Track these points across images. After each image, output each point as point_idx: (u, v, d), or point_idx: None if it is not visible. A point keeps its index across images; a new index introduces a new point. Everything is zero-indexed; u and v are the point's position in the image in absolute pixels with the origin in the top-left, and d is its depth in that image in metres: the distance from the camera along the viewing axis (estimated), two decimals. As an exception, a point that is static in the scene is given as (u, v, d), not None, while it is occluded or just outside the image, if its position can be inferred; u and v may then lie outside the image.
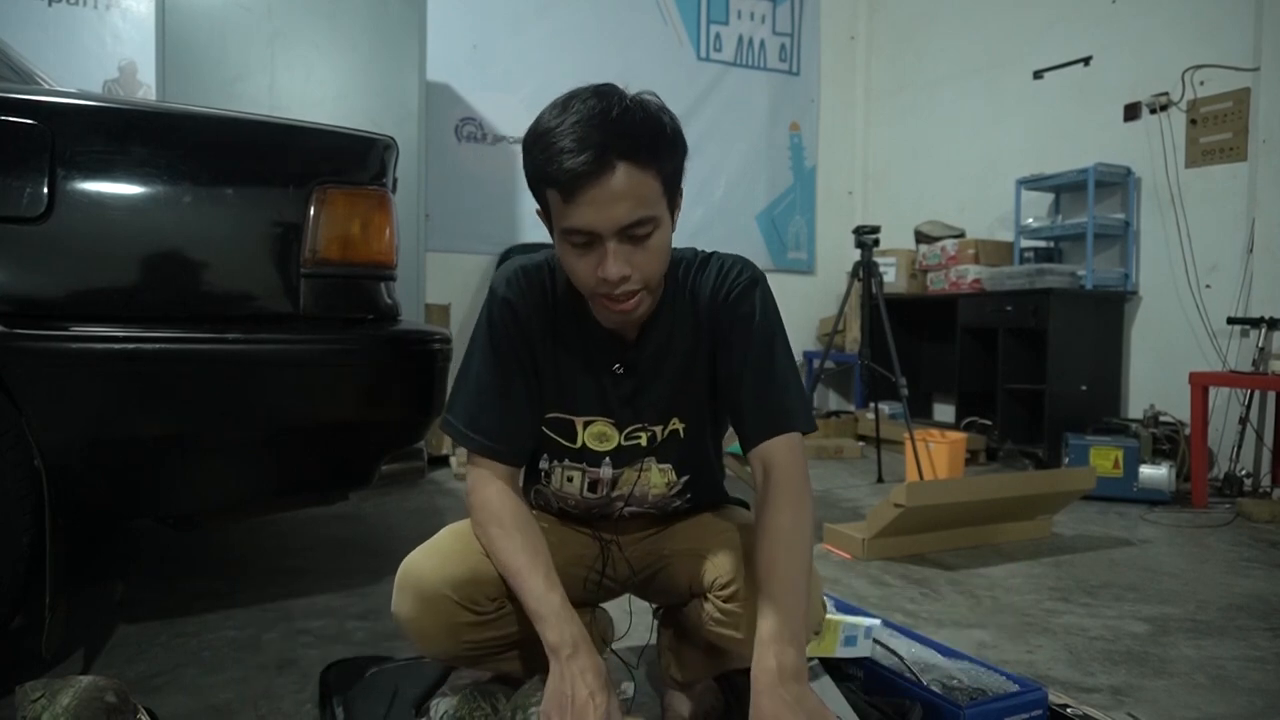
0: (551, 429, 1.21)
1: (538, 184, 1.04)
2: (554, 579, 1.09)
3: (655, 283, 1.07)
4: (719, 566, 1.18)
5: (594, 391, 1.19)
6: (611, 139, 0.97)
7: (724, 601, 1.16)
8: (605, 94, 1.02)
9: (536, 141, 1.01)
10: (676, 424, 1.22)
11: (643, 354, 1.17)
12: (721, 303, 1.15)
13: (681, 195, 1.09)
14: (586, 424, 1.21)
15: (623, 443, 1.21)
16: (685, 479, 1.26)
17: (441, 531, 1.22)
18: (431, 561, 1.15)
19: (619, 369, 1.18)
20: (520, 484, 1.21)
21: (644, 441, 1.22)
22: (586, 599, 1.34)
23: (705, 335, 1.17)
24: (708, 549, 1.22)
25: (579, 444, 1.21)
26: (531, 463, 1.27)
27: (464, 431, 1.17)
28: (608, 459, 1.22)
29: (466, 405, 1.18)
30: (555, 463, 1.25)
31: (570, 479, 1.25)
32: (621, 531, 1.30)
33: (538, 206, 1.08)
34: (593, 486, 1.24)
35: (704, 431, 1.26)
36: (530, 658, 1.22)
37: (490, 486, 1.15)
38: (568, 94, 1.04)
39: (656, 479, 1.24)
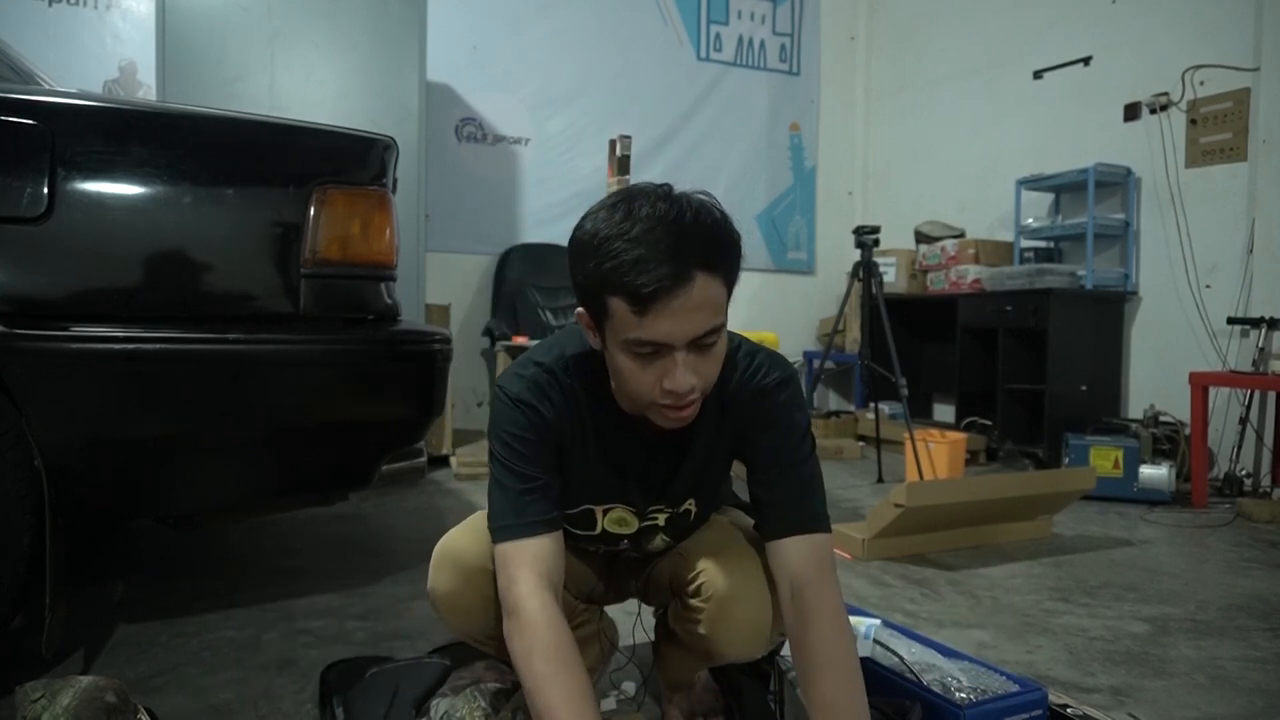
0: (572, 522, 1.20)
1: (599, 289, 0.95)
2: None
3: (711, 387, 1.04)
4: (690, 564, 1.19)
5: (618, 484, 1.18)
6: (690, 248, 0.92)
7: (690, 598, 1.17)
8: (672, 198, 0.96)
9: (600, 246, 0.94)
10: (690, 505, 1.22)
11: (669, 446, 1.15)
12: (750, 400, 1.12)
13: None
14: (606, 511, 1.20)
15: (641, 525, 1.22)
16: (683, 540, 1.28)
17: (476, 514, 1.21)
18: (470, 538, 1.16)
19: (645, 462, 1.16)
20: (561, 579, 1.08)
21: (661, 521, 1.22)
22: (594, 601, 1.35)
23: (728, 426, 1.15)
24: (686, 548, 1.23)
25: (599, 530, 1.22)
26: None
27: (514, 526, 1.06)
28: (625, 540, 1.24)
29: (507, 509, 1.07)
30: (570, 542, 1.24)
31: (585, 550, 1.28)
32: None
33: (580, 309, 1.02)
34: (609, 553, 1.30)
35: (715, 505, 1.28)
36: None
37: (534, 599, 1.01)
38: (624, 194, 0.98)
39: (658, 544, 1.26)
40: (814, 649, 1.04)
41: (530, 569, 1.02)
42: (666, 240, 0.92)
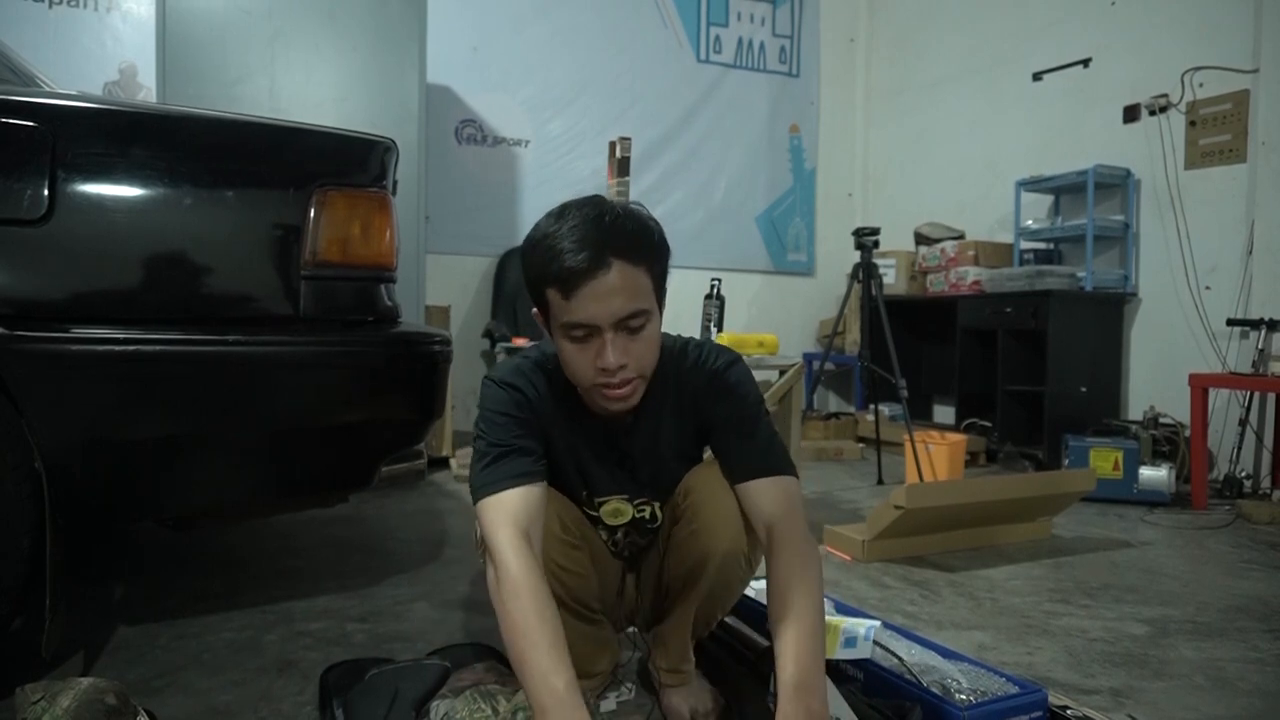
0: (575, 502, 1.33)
1: (539, 284, 1.11)
2: (568, 666, 1.02)
3: (649, 372, 1.16)
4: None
5: (606, 473, 1.30)
6: (607, 239, 1.07)
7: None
8: (598, 203, 1.11)
9: (536, 246, 1.11)
10: None
11: (636, 439, 1.28)
12: (704, 382, 1.25)
13: (666, 293, 1.18)
14: (601, 503, 1.32)
15: (635, 515, 1.33)
16: None
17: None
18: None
19: (616, 454, 1.29)
20: (539, 527, 1.15)
21: (648, 515, 1.34)
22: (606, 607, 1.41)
23: (691, 416, 1.27)
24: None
25: (597, 513, 1.33)
26: None
27: (490, 484, 1.14)
28: (620, 531, 1.35)
29: (485, 473, 1.15)
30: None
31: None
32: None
33: (534, 309, 1.17)
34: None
35: None
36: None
37: (510, 549, 1.08)
38: (561, 205, 1.13)
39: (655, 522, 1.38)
40: (777, 581, 1.13)
41: (506, 521, 1.10)
42: (587, 234, 1.07)
